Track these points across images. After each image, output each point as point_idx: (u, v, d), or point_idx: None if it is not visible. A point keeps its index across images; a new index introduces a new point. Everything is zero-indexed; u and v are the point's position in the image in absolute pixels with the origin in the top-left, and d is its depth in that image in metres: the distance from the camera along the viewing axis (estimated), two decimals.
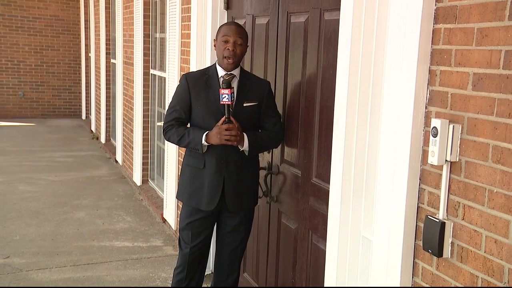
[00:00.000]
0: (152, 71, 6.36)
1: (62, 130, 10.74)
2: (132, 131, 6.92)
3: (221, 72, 2.95)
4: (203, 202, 3.00)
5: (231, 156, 2.96)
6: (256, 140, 2.97)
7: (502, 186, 1.69)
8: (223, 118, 2.84)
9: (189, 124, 3.05)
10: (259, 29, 3.41)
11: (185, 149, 3.11)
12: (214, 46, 2.98)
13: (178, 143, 3.00)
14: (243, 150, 2.96)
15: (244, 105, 2.94)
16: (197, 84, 2.97)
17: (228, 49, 2.86)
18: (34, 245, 4.76)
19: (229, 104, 2.81)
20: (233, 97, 2.83)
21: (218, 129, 2.84)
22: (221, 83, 2.87)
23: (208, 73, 3.00)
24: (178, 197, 3.15)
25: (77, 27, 11.95)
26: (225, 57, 2.89)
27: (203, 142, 2.89)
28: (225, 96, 2.79)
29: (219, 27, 3.02)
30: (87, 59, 11.43)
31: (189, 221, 3.06)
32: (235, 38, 2.86)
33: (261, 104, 3.00)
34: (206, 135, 2.88)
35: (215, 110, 2.91)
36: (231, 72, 2.94)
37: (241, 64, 3.04)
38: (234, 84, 2.94)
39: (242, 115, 2.92)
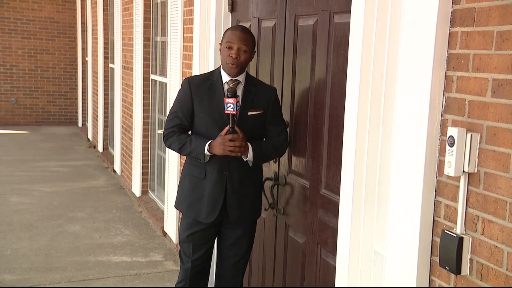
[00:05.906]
0: (152, 76, 6.38)
1: (57, 138, 10.77)
2: (131, 139, 6.94)
3: (225, 77, 2.96)
4: (202, 213, 3.00)
5: (234, 167, 2.96)
6: (261, 151, 2.97)
7: None
8: (227, 128, 2.84)
9: (190, 131, 3.06)
10: (265, 33, 3.42)
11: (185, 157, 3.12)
12: (220, 50, 2.99)
13: (179, 151, 3.01)
14: (247, 161, 2.96)
15: (249, 113, 2.94)
16: (200, 89, 2.97)
17: (231, 56, 2.87)
18: (26, 260, 4.76)
19: (234, 114, 2.82)
20: (239, 106, 2.83)
21: (222, 139, 2.84)
22: (226, 91, 2.88)
23: (212, 78, 3.00)
24: (177, 206, 3.17)
25: (73, 30, 12.02)
26: (228, 63, 2.90)
27: (205, 152, 2.89)
28: (230, 106, 2.79)
29: (225, 30, 3.03)
30: (84, 63, 11.48)
31: (189, 232, 3.07)
32: (239, 45, 2.86)
33: (266, 112, 3.00)
34: (209, 144, 2.89)
35: (218, 118, 2.91)
36: (236, 78, 2.95)
37: (247, 68, 3.05)
38: (239, 90, 2.94)
39: (247, 124, 2.92)
